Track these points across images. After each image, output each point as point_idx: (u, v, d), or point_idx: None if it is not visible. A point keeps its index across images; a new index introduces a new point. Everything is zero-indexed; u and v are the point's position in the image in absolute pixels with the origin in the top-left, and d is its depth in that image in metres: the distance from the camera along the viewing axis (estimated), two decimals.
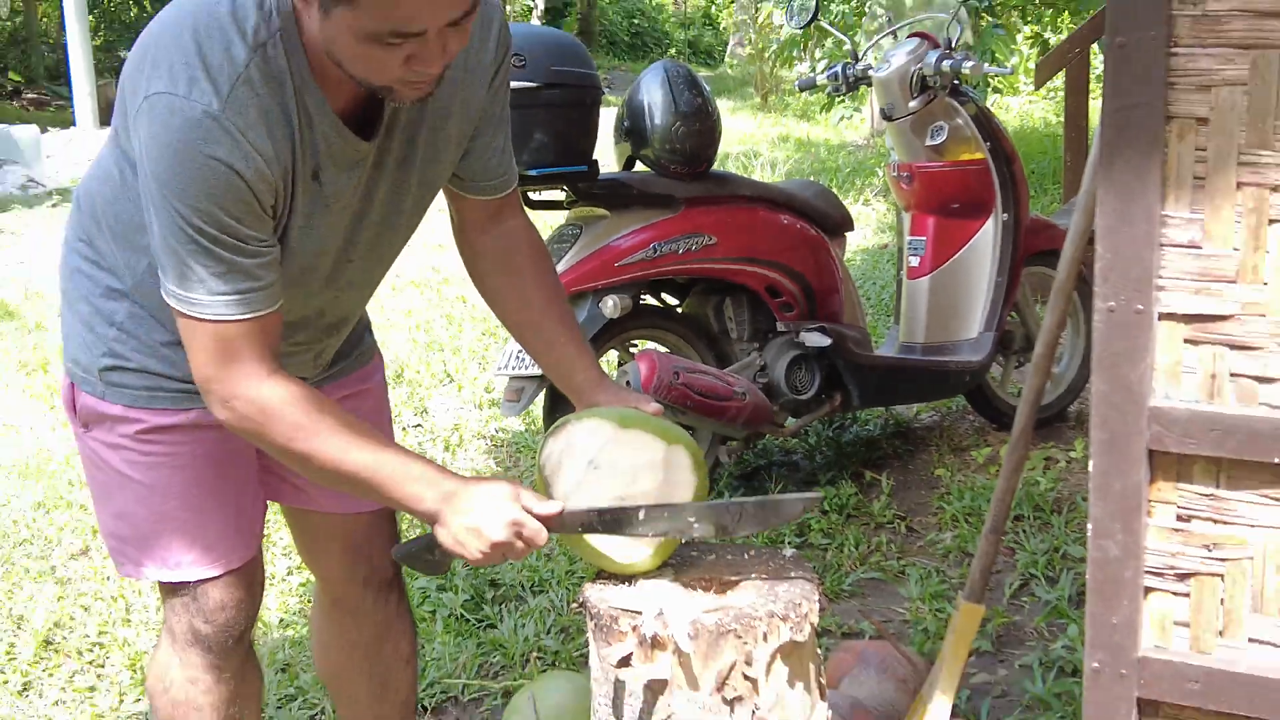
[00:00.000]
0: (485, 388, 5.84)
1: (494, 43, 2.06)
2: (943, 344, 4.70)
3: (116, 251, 2.09)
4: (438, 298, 7.59)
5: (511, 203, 2.26)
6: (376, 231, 2.10)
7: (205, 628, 2.26)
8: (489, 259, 2.26)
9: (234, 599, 2.27)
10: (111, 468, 2.20)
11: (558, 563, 4.02)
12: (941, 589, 3.69)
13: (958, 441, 4.93)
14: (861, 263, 7.89)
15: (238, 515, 2.27)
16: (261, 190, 1.83)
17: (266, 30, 1.82)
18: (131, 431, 2.16)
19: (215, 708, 2.30)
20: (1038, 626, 3.49)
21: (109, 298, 2.12)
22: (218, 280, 1.84)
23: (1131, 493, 1.65)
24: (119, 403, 2.15)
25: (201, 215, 1.80)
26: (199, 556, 2.22)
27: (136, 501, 2.20)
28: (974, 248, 4.67)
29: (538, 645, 3.52)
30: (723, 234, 4.22)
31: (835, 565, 3.94)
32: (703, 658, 1.89)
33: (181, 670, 2.29)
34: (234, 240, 1.83)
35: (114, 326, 2.12)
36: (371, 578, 2.48)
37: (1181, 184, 1.60)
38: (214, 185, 1.79)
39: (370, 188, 2.03)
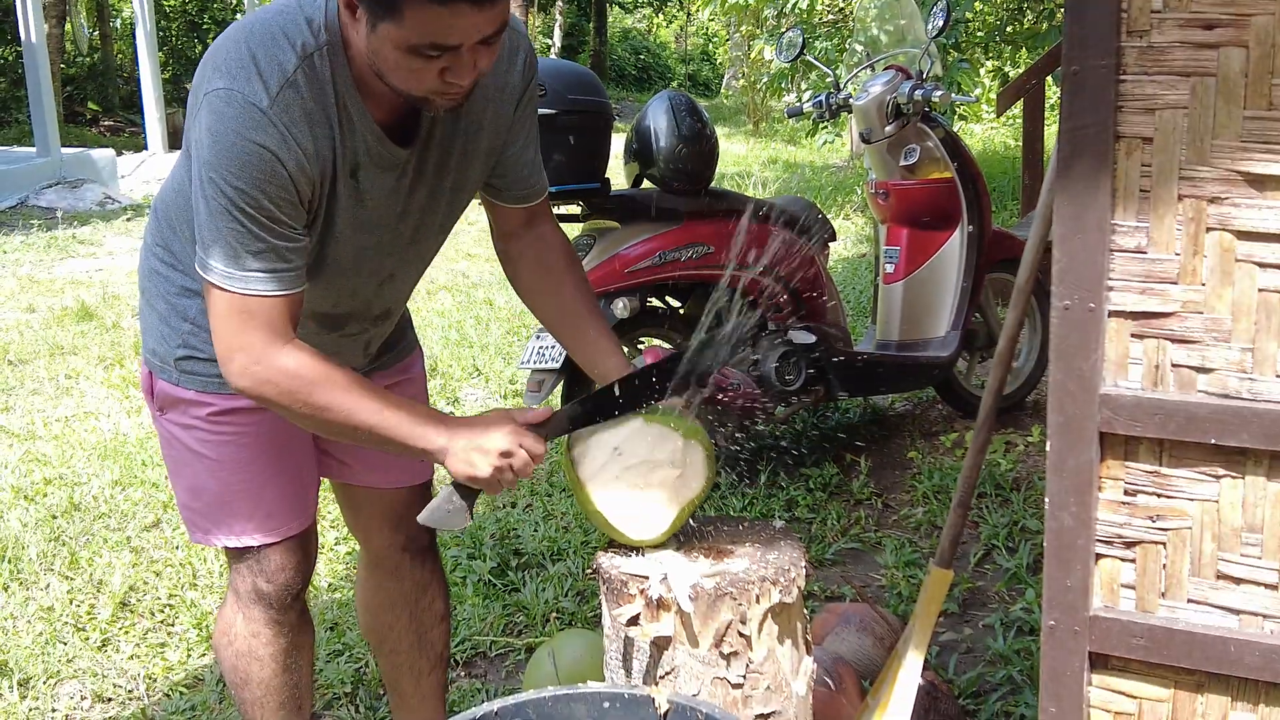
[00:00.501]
0: (510, 380, 5.83)
1: (520, 66, 2.07)
2: (915, 341, 4.70)
3: (190, 254, 2.09)
4: (467, 300, 7.58)
5: (543, 211, 2.25)
6: (416, 231, 2.10)
7: (267, 587, 2.27)
8: (525, 262, 2.25)
9: (292, 562, 2.28)
10: (185, 446, 2.20)
11: (574, 534, 4.01)
12: (914, 557, 3.69)
13: (928, 428, 4.92)
14: (843, 269, 7.88)
15: (296, 488, 2.27)
16: (300, 182, 1.84)
17: (314, 44, 1.84)
18: (203, 414, 2.16)
19: (275, 657, 2.31)
20: (999, 591, 3.48)
21: (183, 296, 2.13)
22: (253, 258, 1.84)
23: (1084, 470, 1.65)
24: (192, 388, 2.15)
25: (245, 196, 1.80)
26: (262, 523, 2.23)
27: (207, 475, 2.20)
28: (942, 256, 4.66)
29: (556, 607, 3.52)
30: (721, 244, 4.21)
31: (819, 537, 3.93)
32: (702, 617, 1.89)
33: (245, 625, 2.29)
34: (270, 222, 1.83)
35: (188, 321, 2.13)
36: (410, 544, 2.48)
37: (1129, 196, 1.59)
38: (258, 169, 1.79)
39: (411, 192, 2.03)
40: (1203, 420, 1.59)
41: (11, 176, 12.35)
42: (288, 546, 2.27)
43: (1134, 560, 1.67)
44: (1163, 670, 1.69)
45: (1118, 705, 1.73)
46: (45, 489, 4.64)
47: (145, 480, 4.65)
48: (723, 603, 1.89)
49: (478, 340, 6.51)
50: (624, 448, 2.03)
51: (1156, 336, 1.61)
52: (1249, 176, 1.53)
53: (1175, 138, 1.56)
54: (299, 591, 2.32)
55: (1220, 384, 1.59)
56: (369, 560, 2.54)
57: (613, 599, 1.96)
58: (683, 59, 29.11)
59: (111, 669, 3.35)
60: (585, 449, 2.04)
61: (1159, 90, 1.56)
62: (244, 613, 2.29)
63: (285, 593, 2.29)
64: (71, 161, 12.87)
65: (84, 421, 5.49)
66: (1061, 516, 1.67)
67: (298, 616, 2.34)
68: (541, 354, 4.09)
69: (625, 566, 1.98)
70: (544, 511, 4.25)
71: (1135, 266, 1.60)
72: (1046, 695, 1.74)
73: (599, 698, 1.84)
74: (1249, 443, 1.57)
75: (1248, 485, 1.60)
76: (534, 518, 4.17)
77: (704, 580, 1.91)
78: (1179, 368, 1.61)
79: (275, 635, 2.30)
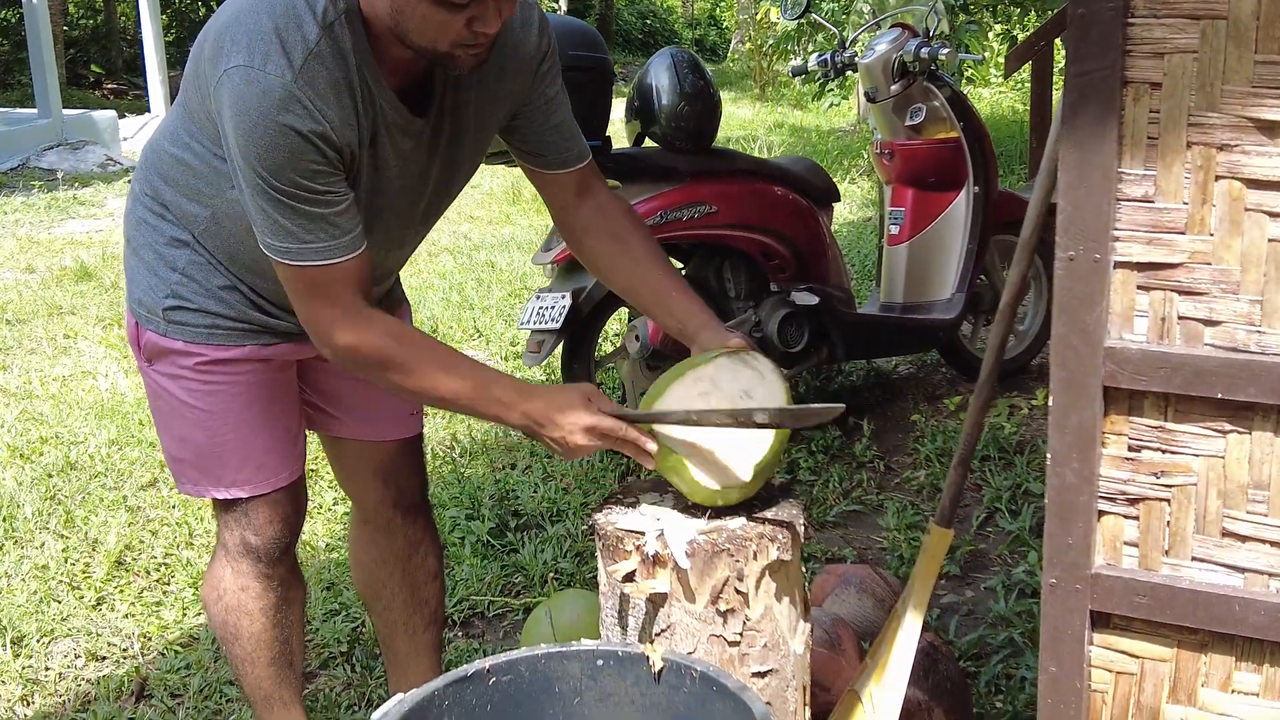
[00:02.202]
0: (511, 341, 5.81)
1: (535, 32, 2.05)
2: (919, 303, 4.67)
3: (181, 204, 2.08)
4: (469, 262, 7.54)
5: (594, 175, 2.20)
6: (427, 199, 2.09)
7: (255, 539, 2.26)
8: (592, 232, 2.19)
9: (281, 514, 2.27)
10: (173, 397, 2.18)
11: (574, 495, 4.00)
12: (915, 520, 3.67)
13: (931, 391, 4.90)
14: (848, 233, 7.84)
15: (284, 439, 2.26)
16: (330, 153, 1.82)
17: (334, 12, 1.82)
18: (191, 364, 2.14)
19: (264, 611, 2.30)
20: (1001, 553, 3.47)
21: (172, 246, 2.11)
22: (303, 232, 1.83)
23: (1087, 425, 1.62)
24: (180, 338, 2.13)
25: (279, 177, 1.79)
26: (250, 475, 2.22)
27: (195, 426, 2.19)
28: (947, 217, 4.63)
29: (555, 568, 3.51)
30: (722, 203, 4.17)
31: (821, 499, 3.92)
32: (699, 574, 1.87)
33: (234, 579, 2.28)
34: (311, 195, 1.82)
35: (176, 271, 2.11)
36: (400, 500, 2.47)
37: (1136, 143, 1.55)
38: (288, 151, 1.77)
39: (426, 160, 2.01)
40: (1210, 374, 1.55)
41: (13, 138, 12.30)
42: (276, 499, 2.26)
43: (1137, 517, 1.65)
44: (1166, 630, 1.66)
45: (1119, 665, 1.71)
46: (41, 448, 4.63)
47: (142, 440, 4.64)
48: (720, 559, 1.86)
49: (479, 302, 6.48)
50: (711, 386, 1.99)
51: (1163, 288, 1.57)
52: (1260, 123, 1.49)
53: (1184, 83, 1.52)
54: (288, 545, 2.31)
55: (1228, 337, 1.56)
56: (360, 516, 2.53)
57: (608, 555, 1.94)
58: (689, 23, 28.91)
59: (106, 627, 3.34)
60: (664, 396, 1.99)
61: (1168, 34, 1.51)
62: (232, 566, 2.28)
63: (274, 546, 2.27)
64: (73, 123, 12.81)
65: (81, 381, 5.48)
66: (1063, 473, 1.65)
67: (287, 571, 2.33)
68: (541, 314, 4.06)
69: (621, 523, 1.96)
70: (543, 472, 4.24)
71: (1142, 216, 1.56)
72: (1047, 655, 1.72)
73: (592, 655, 1.82)
74: (1257, 397, 1.54)
75: (1254, 441, 1.57)
76: (533, 479, 4.16)
77: (700, 537, 1.89)
78: (1186, 320, 1.57)
79: (264, 589, 2.29)
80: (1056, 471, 1.65)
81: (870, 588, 2.87)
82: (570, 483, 4.13)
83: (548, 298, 4.10)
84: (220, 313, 2.12)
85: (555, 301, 4.05)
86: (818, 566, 3.35)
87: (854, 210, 8.74)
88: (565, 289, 4.08)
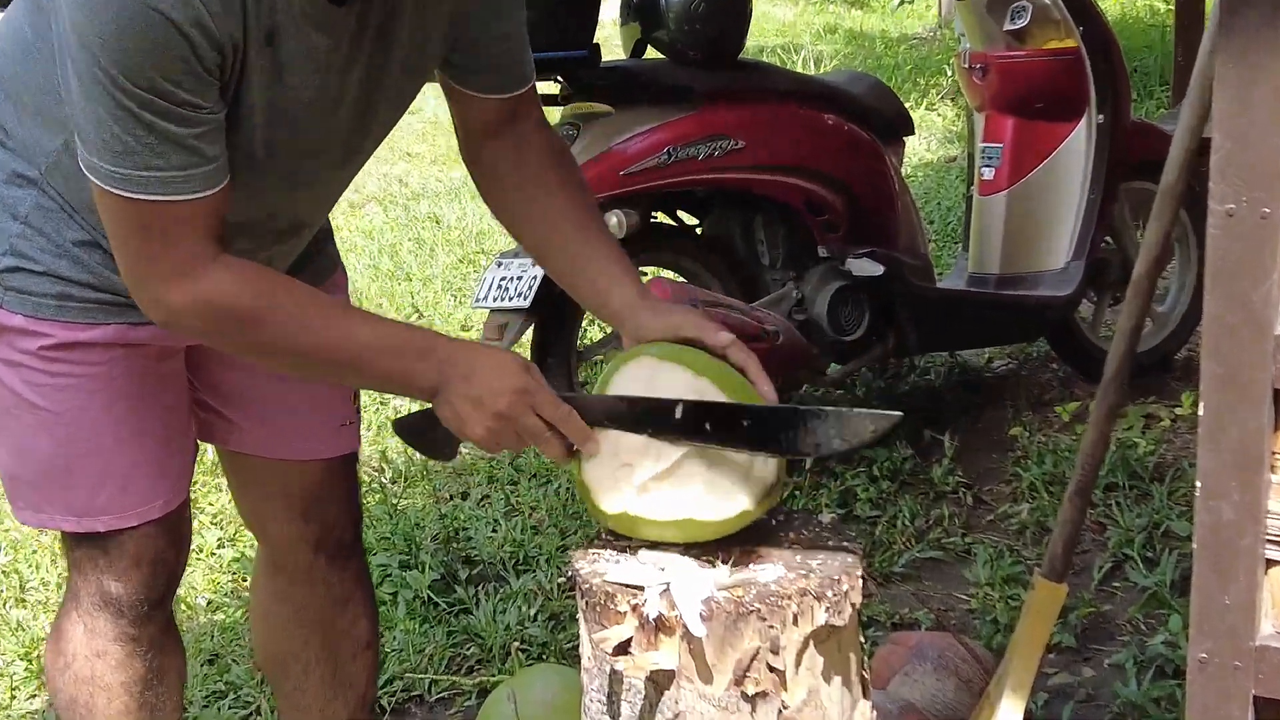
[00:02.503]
0: (462, 324, 5.83)
1: None
2: (1021, 275, 4.68)
3: (25, 127, 2.08)
4: (405, 216, 7.58)
5: (529, 104, 2.23)
6: (352, 123, 2.08)
7: (117, 587, 2.25)
8: (502, 170, 2.23)
9: (152, 554, 2.26)
10: (11, 391, 2.18)
11: (547, 536, 4.01)
12: (1015, 571, 3.68)
13: (1038, 395, 4.91)
14: (924, 178, 7.85)
15: (162, 453, 2.25)
16: (205, 51, 1.80)
17: None
18: (34, 347, 2.14)
19: (126, 687, 2.29)
20: (1132, 618, 3.47)
21: (13, 184, 2.10)
22: (149, 153, 1.81)
23: (1251, 441, 1.62)
24: (20, 311, 2.13)
25: (132, 75, 1.77)
26: (113, 500, 2.21)
27: (39, 431, 2.18)
28: (1061, 157, 4.63)
29: (520, 635, 3.52)
30: (752, 136, 4.18)
31: (886, 542, 3.92)
32: (718, 645, 1.87)
33: (87, 641, 2.28)
34: (170, 105, 1.80)
35: (17, 220, 2.10)
36: (325, 541, 2.48)
37: None
38: (150, 41, 1.76)
39: (345, 68, 2.00)
40: None
41: None
42: (148, 532, 2.25)
43: None
44: None
45: None
46: None
47: None
48: (747, 624, 1.87)
49: (418, 271, 6.51)
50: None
51: None
52: None
53: None
54: (162, 597, 2.30)
55: None
56: (269, 561, 2.54)
57: (594, 617, 1.94)
58: None
59: None
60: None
61: None
62: (85, 623, 2.27)
63: (143, 598, 2.26)
64: None
65: None
66: (1218, 507, 1.65)
67: (159, 632, 2.32)
68: (504, 288, 4.07)
69: (612, 574, 1.96)
70: (505, 505, 4.24)
71: None
72: None
73: None
74: None
75: None
76: (491, 513, 4.17)
77: (721, 593, 1.89)
78: None
79: (128, 656, 2.28)
80: (1209, 505, 1.65)
81: (952, 664, 2.88)
82: (542, 518, 4.14)
83: (513, 265, 4.10)
84: (74, 278, 2.11)
85: (523, 271, 4.05)
86: (881, 635, 3.36)
87: (933, 147, 8.75)
88: None
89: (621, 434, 1.98)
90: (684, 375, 1.98)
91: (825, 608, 1.90)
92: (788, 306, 4.28)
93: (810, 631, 1.89)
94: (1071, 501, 2.38)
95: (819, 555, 1.99)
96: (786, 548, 2.02)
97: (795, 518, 2.13)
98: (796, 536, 2.06)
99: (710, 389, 1.98)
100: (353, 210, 7.65)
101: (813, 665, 1.91)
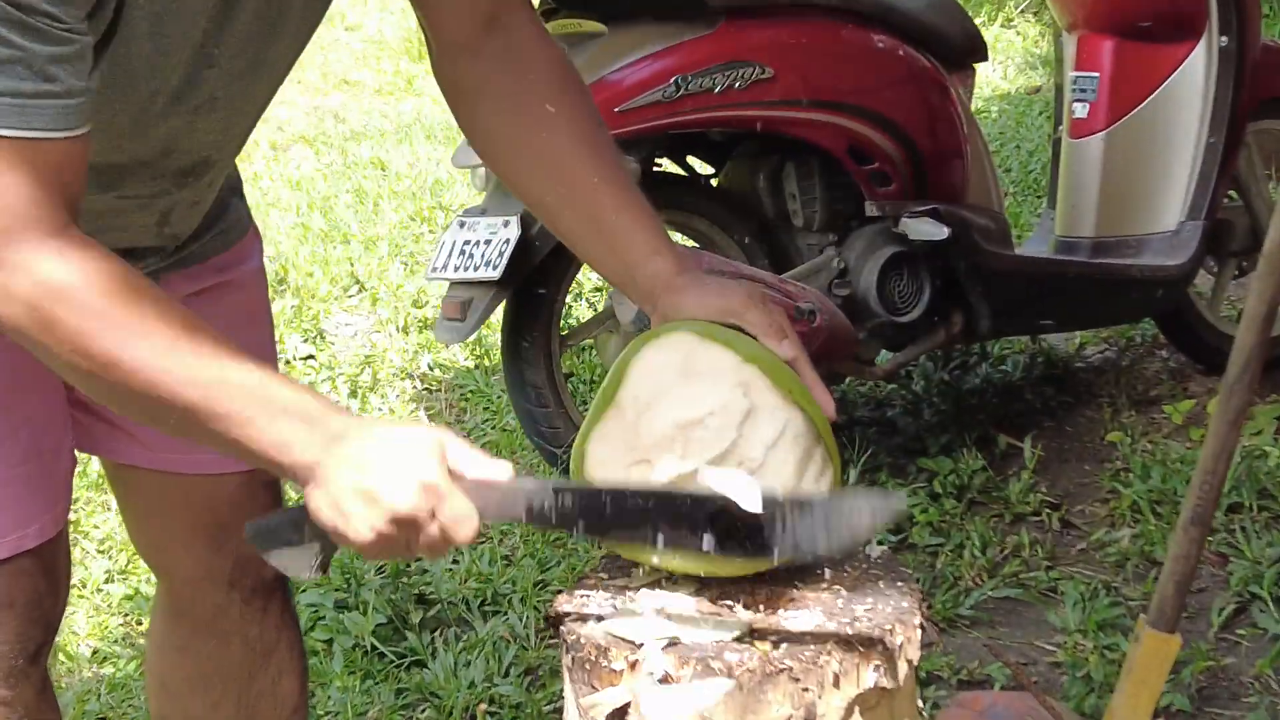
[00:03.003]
0: (414, 300, 5.84)
1: None
2: (1123, 239, 4.69)
3: None
4: (342, 161, 7.58)
5: (513, 5, 2.22)
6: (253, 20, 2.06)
7: None
8: (488, 93, 2.22)
9: (28, 594, 2.26)
10: None
11: (522, 569, 4.02)
12: (1113, 615, 3.69)
13: (1142, 391, 4.92)
14: (999, 115, 7.85)
15: (32, 468, 2.26)
16: None
17: None
18: None
19: None
20: (1261, 673, 3.48)
21: None
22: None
23: None
24: None
25: None
26: None
27: None
28: (1173, 89, 4.63)
29: (489, 694, 3.53)
30: (784, 63, 4.18)
31: (950, 577, 3.93)
32: (739, 712, 1.88)
33: None
34: (21, 15, 1.79)
35: None
36: (240, 577, 2.48)
37: None
38: None
39: None
40: None
41: None
42: (21, 568, 2.25)
43: None
44: None
45: None
46: None
47: None
48: (775, 686, 1.87)
49: (359, 231, 6.51)
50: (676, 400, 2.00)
51: None
52: None
53: None
54: (37, 650, 2.30)
55: None
56: (170, 604, 2.55)
57: (583, 677, 1.94)
58: None
59: None
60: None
61: None
62: None
63: (14, 650, 2.26)
64: None
65: None
66: None
67: (35, 695, 2.32)
68: (468, 254, 4.07)
69: (607, 620, 1.97)
70: None
71: None
72: None
73: None
74: None
75: None
76: None
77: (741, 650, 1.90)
78: None
79: None
80: None
81: None
82: (515, 546, 4.15)
83: (479, 226, 4.10)
84: None
85: (492, 233, 4.05)
86: (945, 695, 3.37)
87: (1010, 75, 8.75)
88: (509, 211, 4.08)
89: (649, 416, 1.99)
90: (729, 360, 1.99)
91: (874, 666, 1.91)
92: (827, 279, 4.28)
93: (855, 696, 1.90)
94: (1186, 531, 2.38)
95: (866, 598, 2.00)
96: (825, 589, 2.03)
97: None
98: (838, 575, 2.07)
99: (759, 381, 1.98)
100: (276, 153, 7.65)
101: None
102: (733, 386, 1.97)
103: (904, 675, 1.95)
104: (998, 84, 8.43)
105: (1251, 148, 4.78)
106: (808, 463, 1.98)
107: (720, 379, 1.98)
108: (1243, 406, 2.35)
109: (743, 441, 1.95)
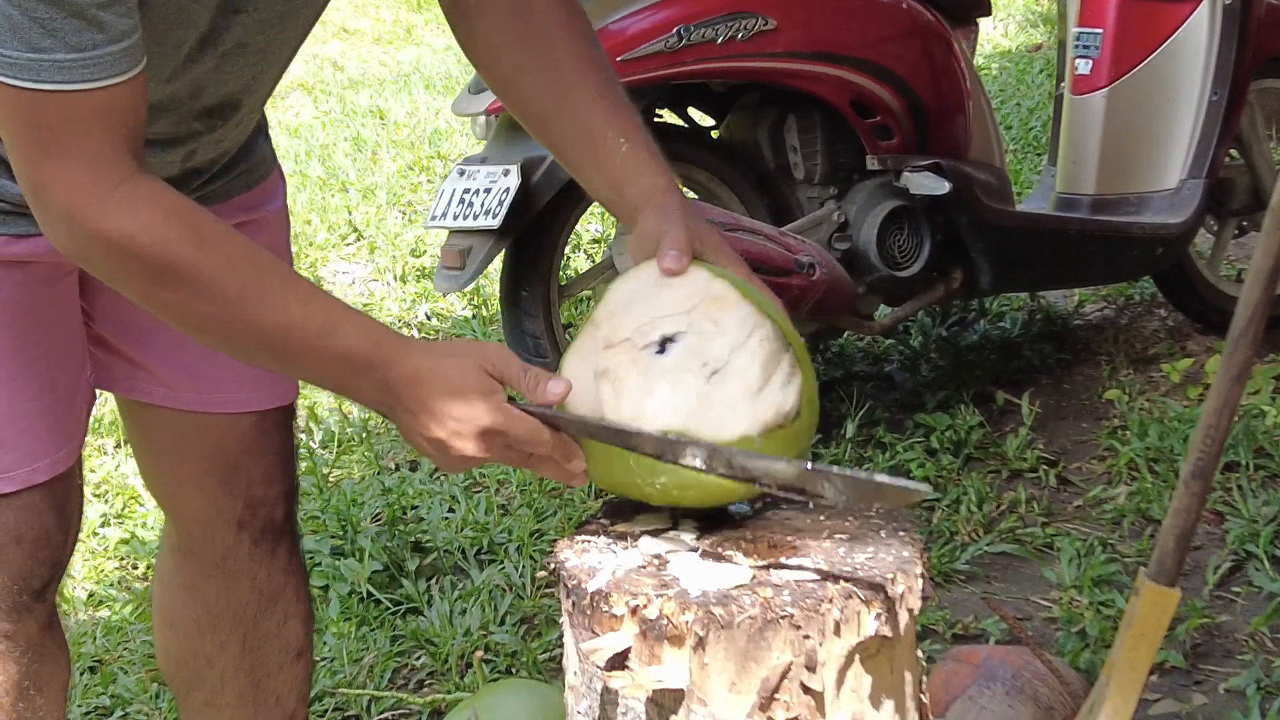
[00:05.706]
0: (412, 249, 5.83)
1: None
2: (1124, 196, 4.69)
3: None
4: (340, 109, 7.56)
5: None
6: None
7: None
8: (492, 18, 2.21)
9: (36, 529, 2.26)
10: None
11: (518, 517, 4.02)
12: (1109, 571, 3.70)
13: (1141, 349, 4.93)
14: (1000, 71, 7.85)
15: (49, 401, 2.26)
16: None
17: None
18: None
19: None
20: (1255, 631, 3.49)
21: None
22: (39, 30, 1.80)
23: None
24: None
25: None
26: None
27: None
28: (1177, 47, 4.63)
29: (484, 641, 3.53)
30: (787, 15, 4.18)
31: (947, 532, 3.94)
32: (739, 659, 1.88)
33: None
34: None
35: None
36: (251, 519, 2.49)
37: None
38: None
39: None
40: None
41: None
42: (30, 503, 2.25)
43: None
44: None
45: None
46: None
47: None
48: (776, 633, 1.87)
49: (357, 180, 6.51)
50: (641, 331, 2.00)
51: None
52: None
53: None
54: (44, 586, 2.30)
55: None
56: (179, 544, 2.54)
57: (583, 623, 1.94)
58: None
59: None
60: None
61: None
62: None
63: (20, 585, 2.26)
64: None
65: None
66: None
67: (40, 631, 2.32)
68: (467, 202, 4.07)
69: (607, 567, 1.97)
70: (466, 477, 4.24)
71: None
72: None
73: None
74: None
75: None
76: (448, 488, 4.17)
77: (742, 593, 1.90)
78: None
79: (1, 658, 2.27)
80: None
81: (1029, 685, 2.89)
82: (512, 495, 4.15)
83: (479, 174, 4.09)
84: None
85: (492, 181, 4.05)
86: (940, 649, 3.37)
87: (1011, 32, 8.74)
88: (510, 159, 4.07)
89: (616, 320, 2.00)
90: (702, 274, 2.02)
91: (876, 614, 1.90)
92: (827, 232, 4.28)
93: (856, 644, 1.90)
94: (1188, 485, 2.37)
95: (868, 548, 2.00)
96: (827, 538, 2.03)
97: None
98: (839, 524, 2.07)
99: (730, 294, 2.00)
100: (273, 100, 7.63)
101: (858, 686, 1.92)
102: (701, 292, 1.99)
103: (904, 625, 1.94)
104: (999, 41, 8.43)
105: (1254, 107, 4.77)
106: (774, 366, 1.97)
107: (691, 287, 2.00)
108: (1246, 362, 2.34)
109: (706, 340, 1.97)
